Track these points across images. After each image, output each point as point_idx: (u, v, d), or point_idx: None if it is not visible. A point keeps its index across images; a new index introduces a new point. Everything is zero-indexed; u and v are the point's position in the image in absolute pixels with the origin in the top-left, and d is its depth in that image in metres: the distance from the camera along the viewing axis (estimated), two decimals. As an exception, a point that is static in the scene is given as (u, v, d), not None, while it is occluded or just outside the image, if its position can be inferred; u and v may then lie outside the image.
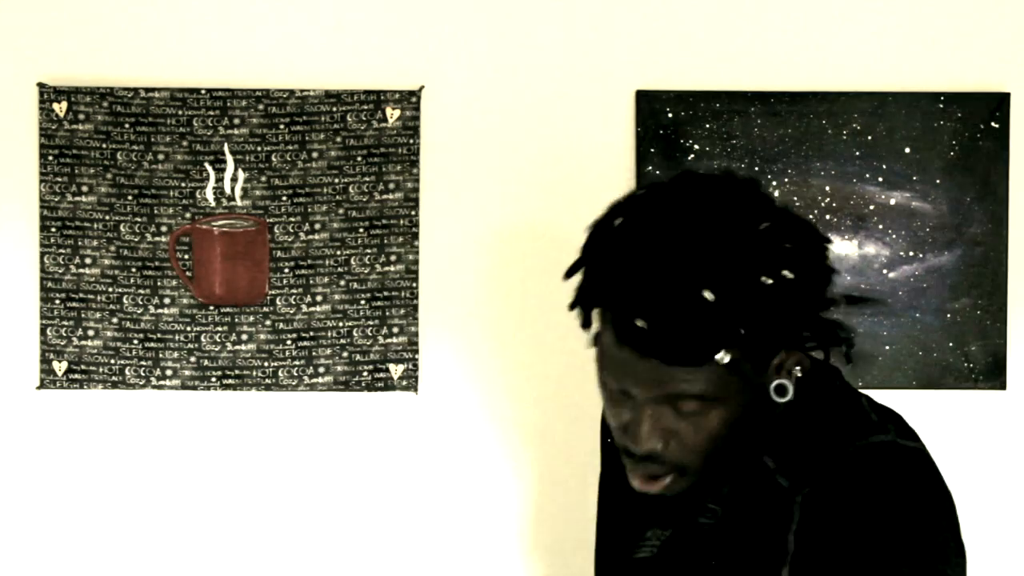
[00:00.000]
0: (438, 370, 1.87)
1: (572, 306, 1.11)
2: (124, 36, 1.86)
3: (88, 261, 1.84)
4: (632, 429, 1.12)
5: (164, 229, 1.85)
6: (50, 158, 1.84)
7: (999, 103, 1.85)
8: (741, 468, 1.17)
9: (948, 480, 1.88)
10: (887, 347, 1.86)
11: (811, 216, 1.86)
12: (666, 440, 1.11)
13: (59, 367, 1.85)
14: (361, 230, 1.85)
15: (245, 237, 1.85)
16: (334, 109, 1.85)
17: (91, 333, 1.85)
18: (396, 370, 1.86)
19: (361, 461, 1.89)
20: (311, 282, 1.86)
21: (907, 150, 1.86)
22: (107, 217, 1.84)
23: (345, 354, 1.86)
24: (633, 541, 1.29)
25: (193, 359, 1.85)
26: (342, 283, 1.86)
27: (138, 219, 1.85)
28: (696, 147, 1.85)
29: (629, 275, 1.05)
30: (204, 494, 1.89)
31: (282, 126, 1.85)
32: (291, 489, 1.90)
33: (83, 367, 1.85)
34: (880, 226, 1.86)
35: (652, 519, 1.27)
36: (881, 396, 1.93)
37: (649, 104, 1.85)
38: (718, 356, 1.05)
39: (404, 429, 1.89)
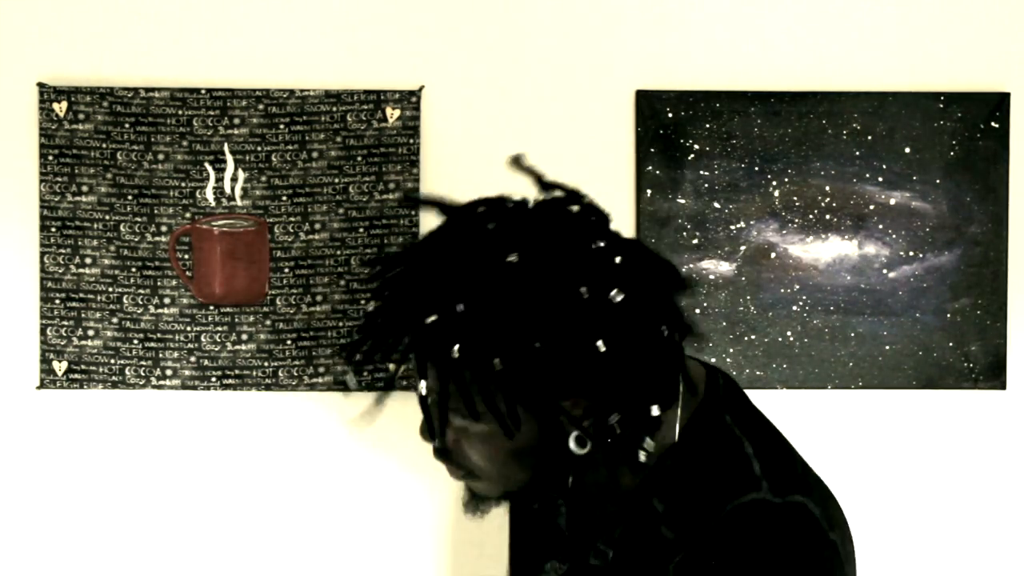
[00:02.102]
0: (438, 370, 1.87)
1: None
2: (124, 36, 1.86)
3: (88, 261, 1.84)
4: (423, 426, 1.18)
5: (164, 229, 1.85)
6: (50, 158, 1.84)
7: (999, 103, 1.86)
8: (632, 509, 1.16)
9: (947, 481, 1.89)
10: (887, 347, 1.86)
11: (811, 216, 1.86)
12: (451, 441, 1.15)
13: (59, 367, 1.85)
14: (361, 230, 1.85)
15: (245, 237, 1.85)
16: (334, 109, 1.85)
17: (91, 333, 1.85)
18: (396, 370, 1.85)
19: (361, 461, 1.89)
20: (311, 282, 1.86)
21: (907, 150, 1.86)
22: (107, 217, 1.84)
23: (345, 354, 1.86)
24: (534, 572, 1.30)
25: (193, 359, 1.85)
26: (342, 283, 1.86)
27: (138, 219, 1.85)
28: (696, 147, 1.85)
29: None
30: (204, 494, 1.89)
31: (282, 126, 1.85)
32: (291, 489, 1.90)
33: (83, 367, 1.85)
34: (880, 226, 1.86)
35: (552, 552, 1.27)
36: (881, 396, 1.94)
37: (649, 104, 1.85)
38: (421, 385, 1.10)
39: (404, 429, 1.89)
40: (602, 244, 1.09)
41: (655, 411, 1.10)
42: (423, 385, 1.10)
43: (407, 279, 1.10)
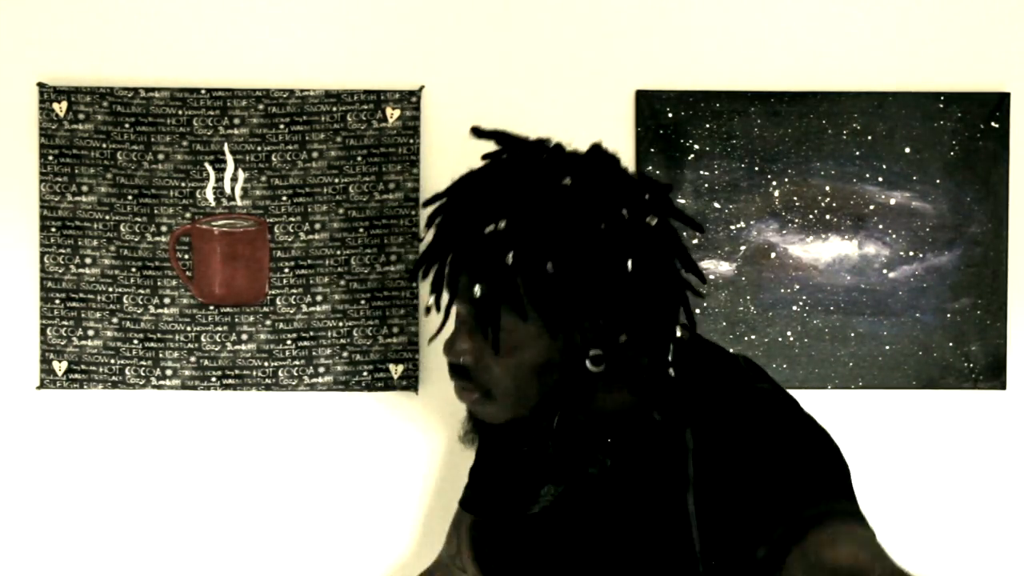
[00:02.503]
0: (438, 370, 1.87)
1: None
2: (124, 36, 1.86)
3: (88, 261, 1.84)
4: (450, 341, 1.31)
5: (164, 229, 1.85)
6: (50, 158, 1.84)
7: (999, 103, 1.86)
8: (627, 422, 1.28)
9: (947, 481, 1.90)
10: (887, 347, 1.86)
11: (811, 216, 1.86)
12: (475, 358, 1.28)
13: (59, 367, 1.85)
14: (361, 230, 1.85)
15: (245, 237, 1.85)
16: (334, 109, 1.85)
17: (91, 333, 1.85)
18: (396, 370, 1.86)
19: (361, 461, 1.89)
20: (311, 282, 1.86)
21: (907, 150, 1.86)
22: (107, 217, 1.84)
23: (345, 354, 1.86)
24: (527, 498, 1.37)
25: (193, 359, 1.85)
26: (342, 283, 1.86)
27: (138, 219, 1.85)
28: (696, 147, 1.85)
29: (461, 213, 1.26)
30: (204, 494, 1.89)
31: (282, 126, 1.85)
32: (291, 489, 1.90)
33: (83, 367, 1.85)
34: (880, 226, 1.86)
35: (545, 476, 1.36)
36: (881, 396, 1.95)
37: (649, 104, 1.85)
38: (475, 289, 1.21)
39: (404, 429, 1.89)
40: (636, 178, 1.27)
41: (679, 331, 1.24)
42: (477, 289, 1.22)
43: (465, 197, 1.26)
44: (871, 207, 1.86)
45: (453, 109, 1.86)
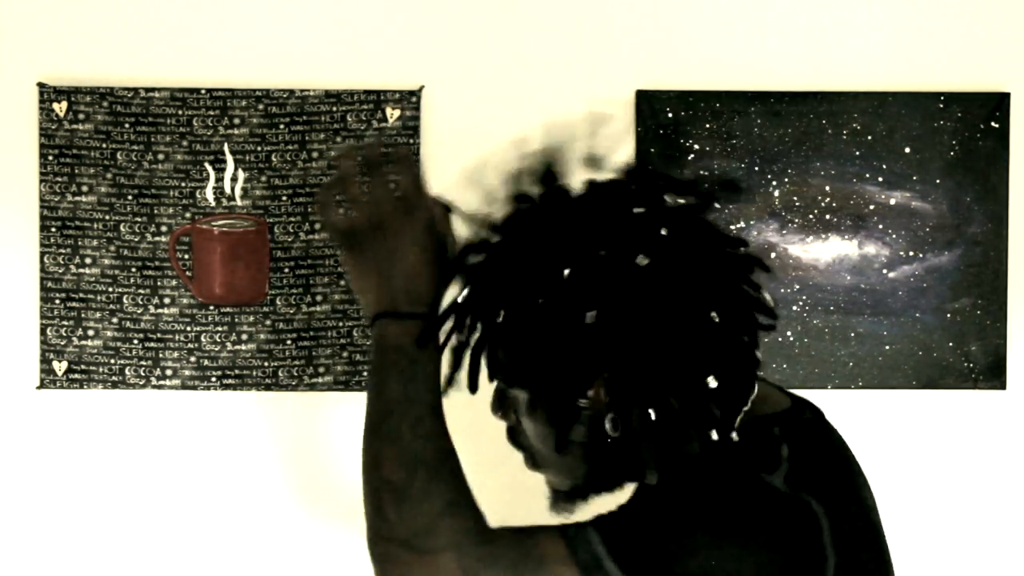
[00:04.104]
0: (438, 370, 1.87)
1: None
2: (124, 36, 1.86)
3: (88, 261, 1.84)
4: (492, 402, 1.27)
5: (164, 229, 1.85)
6: (50, 158, 1.84)
7: (999, 103, 1.86)
8: None
9: (947, 481, 1.89)
10: (887, 347, 1.86)
11: (811, 216, 1.86)
12: (516, 421, 1.24)
13: (59, 367, 1.85)
14: (361, 230, 1.85)
15: (245, 237, 1.85)
16: (334, 109, 1.85)
17: (91, 333, 1.85)
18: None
19: (361, 461, 1.89)
20: (311, 282, 1.86)
21: (907, 150, 1.86)
22: (107, 217, 1.84)
23: (345, 354, 1.86)
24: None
25: (193, 359, 1.85)
26: (342, 283, 1.86)
27: (138, 219, 1.85)
28: (696, 147, 1.85)
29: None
30: (204, 494, 1.89)
31: (282, 126, 1.85)
32: (291, 489, 1.90)
33: (83, 367, 1.85)
34: (880, 226, 1.86)
35: None
36: (881, 396, 1.94)
37: (649, 104, 1.85)
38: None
39: (404, 429, 1.89)
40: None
41: (712, 382, 1.09)
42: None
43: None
44: (871, 207, 1.86)
45: (453, 109, 1.86)
